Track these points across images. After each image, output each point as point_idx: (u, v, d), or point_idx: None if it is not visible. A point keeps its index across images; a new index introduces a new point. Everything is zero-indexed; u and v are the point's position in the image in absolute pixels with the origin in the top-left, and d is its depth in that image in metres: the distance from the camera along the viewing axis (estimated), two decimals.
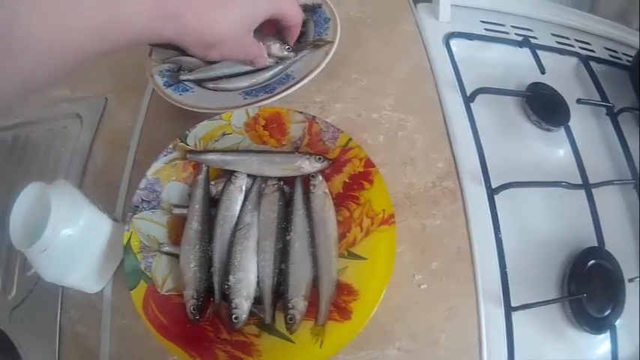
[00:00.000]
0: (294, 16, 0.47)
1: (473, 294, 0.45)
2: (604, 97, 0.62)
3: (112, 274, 0.48)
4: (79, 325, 0.47)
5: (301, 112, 0.48)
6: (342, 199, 0.46)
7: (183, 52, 0.56)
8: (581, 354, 0.48)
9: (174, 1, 0.36)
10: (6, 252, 0.54)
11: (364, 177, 0.45)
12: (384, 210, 0.43)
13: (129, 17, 0.34)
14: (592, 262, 0.49)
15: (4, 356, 0.49)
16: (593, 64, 0.65)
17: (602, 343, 0.47)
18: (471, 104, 0.55)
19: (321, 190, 0.46)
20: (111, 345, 0.46)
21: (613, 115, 0.60)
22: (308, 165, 0.46)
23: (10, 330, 0.49)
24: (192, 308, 0.42)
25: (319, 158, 0.46)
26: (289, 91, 0.50)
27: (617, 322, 0.48)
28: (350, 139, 0.47)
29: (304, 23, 0.58)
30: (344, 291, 0.42)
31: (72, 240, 0.41)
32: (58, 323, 0.48)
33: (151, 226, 0.46)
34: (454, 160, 0.52)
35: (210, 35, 0.40)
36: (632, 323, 0.49)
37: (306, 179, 0.47)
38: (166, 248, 0.45)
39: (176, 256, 0.44)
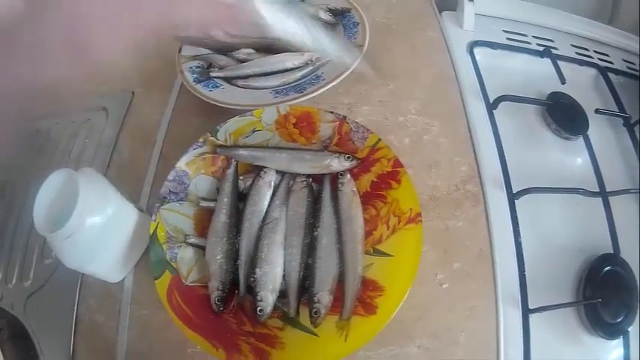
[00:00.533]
0: None
1: (492, 295, 0.46)
2: (621, 108, 0.63)
3: (134, 265, 0.48)
4: (97, 313, 0.48)
5: (332, 112, 0.50)
6: (370, 198, 0.47)
7: (213, 49, 0.58)
8: (594, 358, 0.48)
9: None
10: (24, 239, 0.55)
11: (392, 176, 0.47)
12: (411, 209, 0.44)
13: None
14: (607, 268, 0.50)
15: (17, 343, 0.49)
16: (611, 75, 0.66)
17: (614, 348, 0.48)
18: (493, 111, 0.57)
19: (349, 188, 0.47)
20: (129, 335, 0.46)
21: (630, 125, 0.61)
22: (337, 163, 0.47)
23: (24, 317, 0.49)
24: (216, 299, 0.42)
25: (348, 157, 0.48)
26: (319, 92, 0.51)
27: (630, 329, 0.48)
28: (379, 140, 0.48)
29: (334, 27, 0.60)
30: (369, 287, 0.42)
31: (97, 228, 0.41)
32: (75, 311, 0.48)
33: (177, 217, 0.47)
34: (477, 164, 0.53)
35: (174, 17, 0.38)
36: None
37: (335, 177, 0.48)
38: (192, 240, 0.46)
39: (202, 248, 0.45)
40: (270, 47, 0.57)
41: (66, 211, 0.39)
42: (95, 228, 0.41)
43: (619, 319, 0.48)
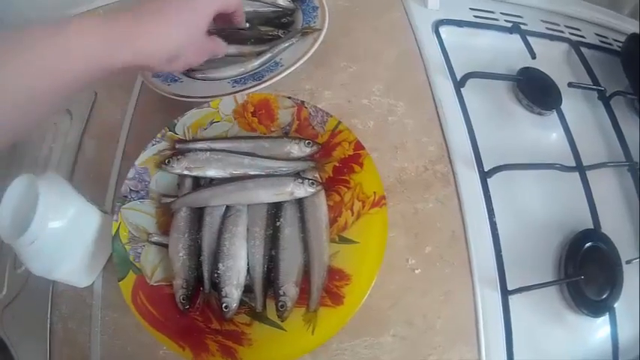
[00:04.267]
0: (232, 2, 0.47)
1: (468, 278, 0.46)
2: (596, 82, 0.63)
3: (101, 268, 0.48)
4: (69, 321, 0.48)
5: (289, 97, 0.49)
6: (333, 184, 0.47)
7: None
8: (581, 337, 0.48)
9: (122, 29, 0.37)
10: None
11: (354, 160, 0.46)
12: (375, 192, 0.44)
13: (80, 52, 0.35)
14: (588, 244, 0.50)
15: None
16: (584, 49, 0.66)
17: (601, 326, 0.48)
18: (461, 89, 0.56)
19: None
20: (102, 339, 0.46)
21: (605, 99, 0.61)
22: (297, 149, 0.47)
23: (1, 329, 0.50)
24: (181, 298, 0.42)
25: (308, 142, 0.47)
26: (278, 78, 0.51)
27: (616, 305, 0.48)
28: (339, 123, 0.48)
29: (292, 12, 0.60)
30: (336, 276, 0.42)
31: (60, 232, 0.42)
32: (48, 320, 0.48)
33: (139, 216, 0.46)
34: (446, 144, 0.52)
35: (167, 52, 0.41)
36: (632, 306, 0.49)
37: None
38: (155, 238, 0.45)
39: (165, 246, 0.45)
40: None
41: (29, 217, 0.40)
42: (57, 232, 0.41)
43: (604, 296, 0.48)
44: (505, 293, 0.45)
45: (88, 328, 0.46)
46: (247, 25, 0.56)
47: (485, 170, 0.51)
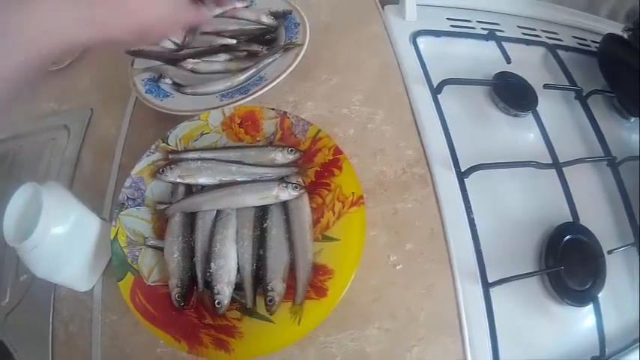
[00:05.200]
0: None
1: (449, 272, 0.49)
2: (573, 83, 0.66)
3: (101, 272, 0.52)
4: (71, 324, 0.51)
5: (273, 109, 0.54)
6: (315, 187, 0.51)
7: (164, 61, 0.63)
8: (566, 327, 0.51)
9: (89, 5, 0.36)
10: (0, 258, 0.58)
11: (334, 164, 0.50)
12: (353, 193, 0.48)
13: (41, 27, 0.34)
14: (568, 237, 0.52)
15: None
16: (561, 52, 0.70)
17: (586, 316, 0.50)
18: (438, 96, 0.60)
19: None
20: (102, 341, 0.49)
21: (582, 98, 0.65)
22: (281, 157, 0.51)
23: (4, 335, 0.53)
24: (176, 296, 0.46)
25: (291, 150, 0.51)
26: (262, 91, 0.55)
27: (600, 295, 0.50)
28: (319, 130, 0.52)
29: (275, 29, 0.65)
30: (320, 271, 0.46)
31: (61, 237, 0.45)
32: (50, 324, 0.51)
33: (136, 221, 0.50)
34: (423, 148, 0.56)
35: (138, 25, 0.39)
36: (616, 295, 0.52)
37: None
38: (151, 242, 0.49)
39: (161, 249, 0.49)
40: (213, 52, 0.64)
41: (33, 223, 0.43)
42: (59, 238, 0.45)
43: (587, 286, 0.51)
44: (486, 285, 0.48)
45: (89, 331, 0.49)
46: (234, 41, 0.61)
47: (462, 170, 0.54)
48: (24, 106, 0.74)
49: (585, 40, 0.75)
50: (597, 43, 0.72)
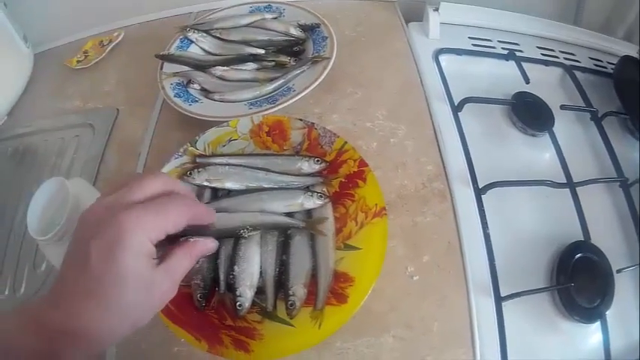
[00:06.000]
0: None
1: (463, 285, 0.51)
2: (588, 104, 0.68)
3: None
4: None
5: (301, 120, 0.56)
6: (339, 197, 0.52)
7: (193, 67, 0.65)
8: (573, 343, 0.52)
9: (55, 319, 0.31)
10: (16, 251, 0.60)
11: (358, 176, 0.52)
12: (376, 204, 0.50)
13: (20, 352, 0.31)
14: (579, 255, 0.54)
15: None
16: (578, 73, 0.72)
17: (593, 333, 0.52)
18: (458, 113, 0.62)
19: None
20: None
21: (597, 119, 0.67)
22: (307, 166, 0.53)
23: None
24: (199, 296, 0.47)
25: (317, 160, 0.53)
26: (290, 102, 0.58)
27: (608, 313, 0.52)
28: (345, 143, 0.54)
29: (304, 41, 0.67)
30: (341, 279, 0.47)
31: None
32: None
33: None
34: (443, 163, 0.58)
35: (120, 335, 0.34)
36: (623, 313, 0.53)
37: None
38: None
39: None
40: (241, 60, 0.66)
41: (57, 217, 0.44)
42: None
43: (595, 304, 0.52)
44: (498, 299, 0.50)
45: None
46: (263, 51, 0.63)
47: (480, 187, 0.56)
48: (49, 102, 0.77)
49: (601, 61, 0.77)
50: (613, 64, 0.74)
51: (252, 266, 0.48)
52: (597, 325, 0.52)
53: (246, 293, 0.47)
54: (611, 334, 0.51)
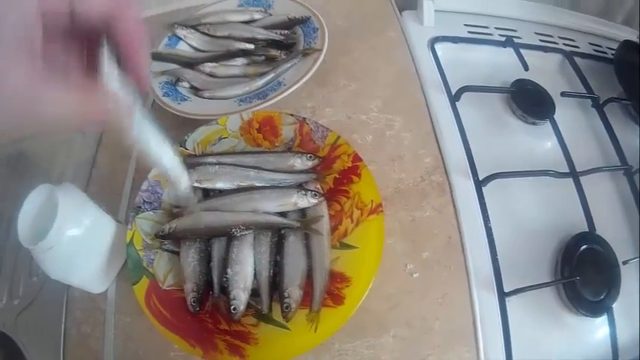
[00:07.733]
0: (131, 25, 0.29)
1: (465, 281, 0.49)
2: (589, 90, 0.66)
3: (115, 275, 0.52)
4: (83, 325, 0.51)
5: (292, 115, 0.54)
6: (334, 194, 0.51)
7: (181, 64, 0.64)
8: (580, 338, 0.51)
9: None
10: (12, 259, 0.59)
11: (353, 171, 0.50)
12: (372, 200, 0.48)
13: None
14: (584, 247, 0.52)
15: None
16: (577, 59, 0.70)
17: (600, 327, 0.51)
18: (456, 103, 0.61)
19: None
20: (114, 343, 0.49)
21: (599, 106, 0.65)
22: (300, 163, 0.52)
23: (16, 335, 0.53)
24: (192, 301, 0.46)
25: (310, 156, 0.52)
26: (281, 97, 0.56)
27: (615, 306, 0.50)
28: (338, 137, 0.52)
29: (294, 35, 0.65)
30: (337, 279, 0.46)
31: (77, 239, 0.45)
32: (63, 325, 0.51)
33: (152, 225, 0.50)
34: (441, 155, 0.57)
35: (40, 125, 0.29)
36: (630, 306, 0.52)
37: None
38: (167, 246, 0.50)
39: (177, 253, 0.49)
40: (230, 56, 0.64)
41: (48, 224, 0.43)
42: (75, 239, 0.45)
43: (601, 297, 0.51)
44: (502, 295, 0.48)
45: (102, 333, 0.50)
46: (252, 46, 0.61)
47: (480, 179, 0.55)
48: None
49: (601, 46, 0.75)
50: (613, 49, 0.72)
51: (246, 268, 0.47)
52: (604, 318, 0.50)
53: (240, 296, 0.46)
54: (618, 328, 0.50)
